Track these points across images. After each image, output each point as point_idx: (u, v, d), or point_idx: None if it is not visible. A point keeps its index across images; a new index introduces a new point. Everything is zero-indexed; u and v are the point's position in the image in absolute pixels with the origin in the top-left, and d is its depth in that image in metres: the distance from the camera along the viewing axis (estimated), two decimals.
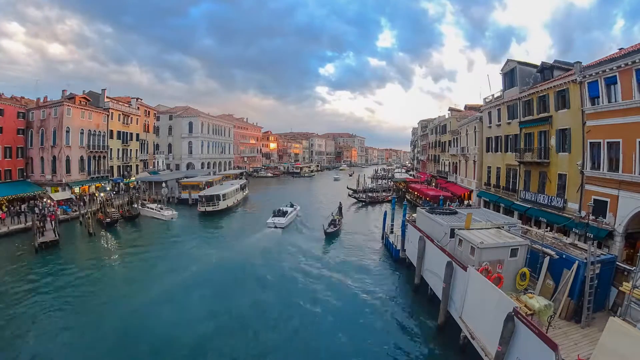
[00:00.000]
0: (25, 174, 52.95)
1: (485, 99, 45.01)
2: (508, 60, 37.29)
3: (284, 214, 47.54)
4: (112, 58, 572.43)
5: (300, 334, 20.11)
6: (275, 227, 43.86)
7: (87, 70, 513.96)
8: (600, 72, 24.04)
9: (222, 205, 55.08)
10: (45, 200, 48.60)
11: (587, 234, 22.74)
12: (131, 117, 69.94)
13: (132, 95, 77.55)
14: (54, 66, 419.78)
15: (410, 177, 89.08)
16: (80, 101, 57.95)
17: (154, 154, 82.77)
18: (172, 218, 49.99)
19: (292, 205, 52.54)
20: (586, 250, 17.76)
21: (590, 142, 25.23)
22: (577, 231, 25.03)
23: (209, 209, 53.39)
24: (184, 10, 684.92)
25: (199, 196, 55.58)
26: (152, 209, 51.43)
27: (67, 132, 53.69)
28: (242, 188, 69.96)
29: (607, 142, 23.59)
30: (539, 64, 34.48)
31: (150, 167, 78.97)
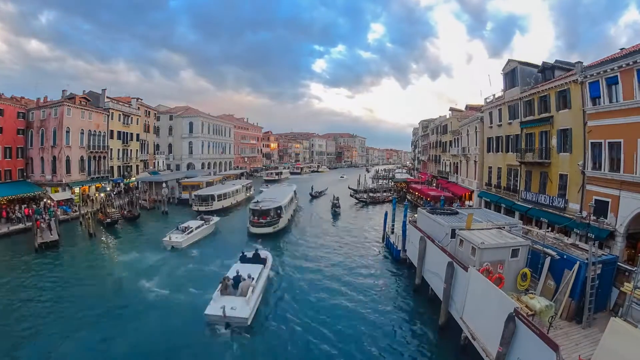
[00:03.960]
0: (25, 174, 52.84)
1: (486, 99, 45.06)
2: (509, 60, 37.34)
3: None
4: (97, 57, 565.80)
5: (299, 334, 20.15)
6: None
7: (73, 69, 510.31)
8: (601, 72, 24.06)
9: (217, 205, 55.70)
10: (46, 200, 48.72)
11: (588, 234, 22.72)
12: (131, 118, 69.96)
13: (128, 95, 77.85)
14: (37, 64, 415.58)
15: (411, 178, 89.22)
16: (80, 101, 57.93)
17: (154, 154, 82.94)
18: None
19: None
20: (587, 250, 17.79)
21: (592, 142, 25.26)
22: (578, 231, 25.05)
23: (202, 208, 54.26)
24: (162, 2, 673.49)
25: (195, 195, 57.01)
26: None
27: (67, 132, 53.60)
28: (247, 188, 71.23)
29: (609, 143, 23.61)
30: (540, 63, 34.52)
31: (151, 168, 79.08)
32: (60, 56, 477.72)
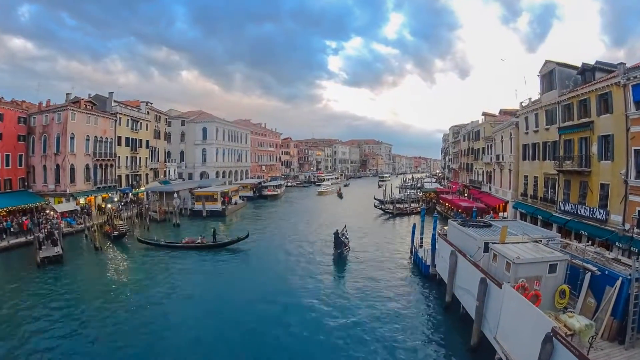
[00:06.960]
0: (26, 183, 53.56)
1: (521, 103, 45.51)
2: (546, 62, 37.76)
3: None
4: (91, 55, 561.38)
5: (323, 354, 20.77)
6: None
7: (66, 70, 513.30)
8: None
9: None
10: (48, 212, 49.98)
11: (632, 248, 22.93)
12: (141, 123, 71.51)
13: (134, 98, 79.33)
14: (25, 64, 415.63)
15: (441, 187, 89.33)
16: (86, 105, 58.86)
17: (165, 162, 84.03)
18: None
19: None
20: (630, 265, 17.94)
21: (635, 150, 25.62)
22: (620, 245, 25.23)
23: None
24: None
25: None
26: None
27: (72, 138, 54.28)
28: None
29: None
30: (579, 64, 34.76)
31: (161, 177, 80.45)
32: (49, 55, 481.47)
